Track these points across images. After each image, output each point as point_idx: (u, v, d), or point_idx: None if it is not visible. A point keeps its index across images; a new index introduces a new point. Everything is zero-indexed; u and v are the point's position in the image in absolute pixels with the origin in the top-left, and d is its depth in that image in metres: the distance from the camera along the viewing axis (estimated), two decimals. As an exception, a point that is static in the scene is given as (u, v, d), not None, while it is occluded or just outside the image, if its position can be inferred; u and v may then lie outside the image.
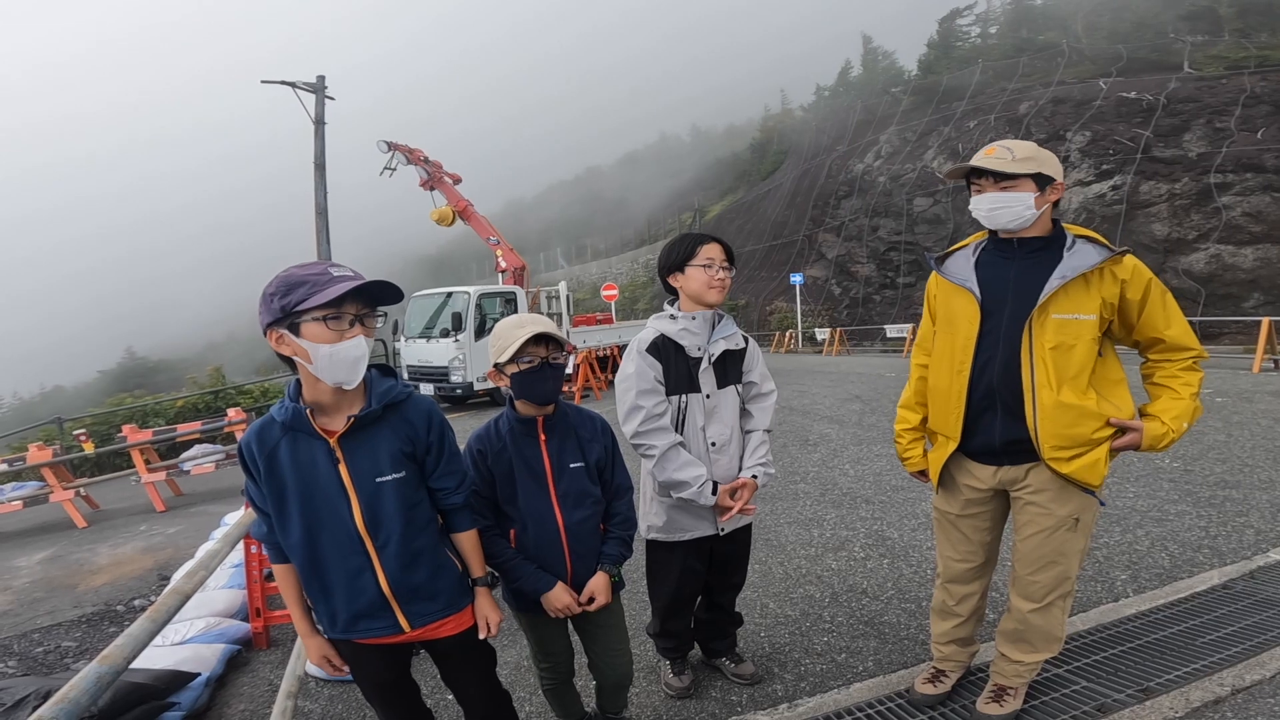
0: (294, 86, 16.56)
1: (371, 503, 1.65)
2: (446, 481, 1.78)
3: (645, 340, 2.43)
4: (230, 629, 3.67)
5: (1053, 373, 2.02)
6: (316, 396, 1.64)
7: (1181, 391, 2.05)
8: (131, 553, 6.02)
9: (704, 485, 2.35)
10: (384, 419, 1.68)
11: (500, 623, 1.89)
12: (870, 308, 26.64)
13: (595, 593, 2.07)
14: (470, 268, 59.10)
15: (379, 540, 1.68)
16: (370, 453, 1.66)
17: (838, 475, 5.94)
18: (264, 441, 1.65)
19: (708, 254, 2.39)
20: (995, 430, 2.14)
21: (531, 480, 2.03)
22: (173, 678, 3.01)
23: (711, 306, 2.43)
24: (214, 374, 17.02)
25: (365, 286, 1.53)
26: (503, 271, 16.43)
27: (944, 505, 2.40)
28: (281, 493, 1.65)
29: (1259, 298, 17.10)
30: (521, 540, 2.05)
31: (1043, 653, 2.28)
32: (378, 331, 1.67)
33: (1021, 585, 2.23)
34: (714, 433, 2.44)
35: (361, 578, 1.69)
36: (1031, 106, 24.19)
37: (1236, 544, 3.77)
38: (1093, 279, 2.01)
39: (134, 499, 8.41)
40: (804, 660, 2.93)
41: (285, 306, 1.52)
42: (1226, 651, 2.63)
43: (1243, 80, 20.59)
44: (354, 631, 1.75)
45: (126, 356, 64.68)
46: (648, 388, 2.36)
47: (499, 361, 1.98)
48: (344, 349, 1.54)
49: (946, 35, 40.26)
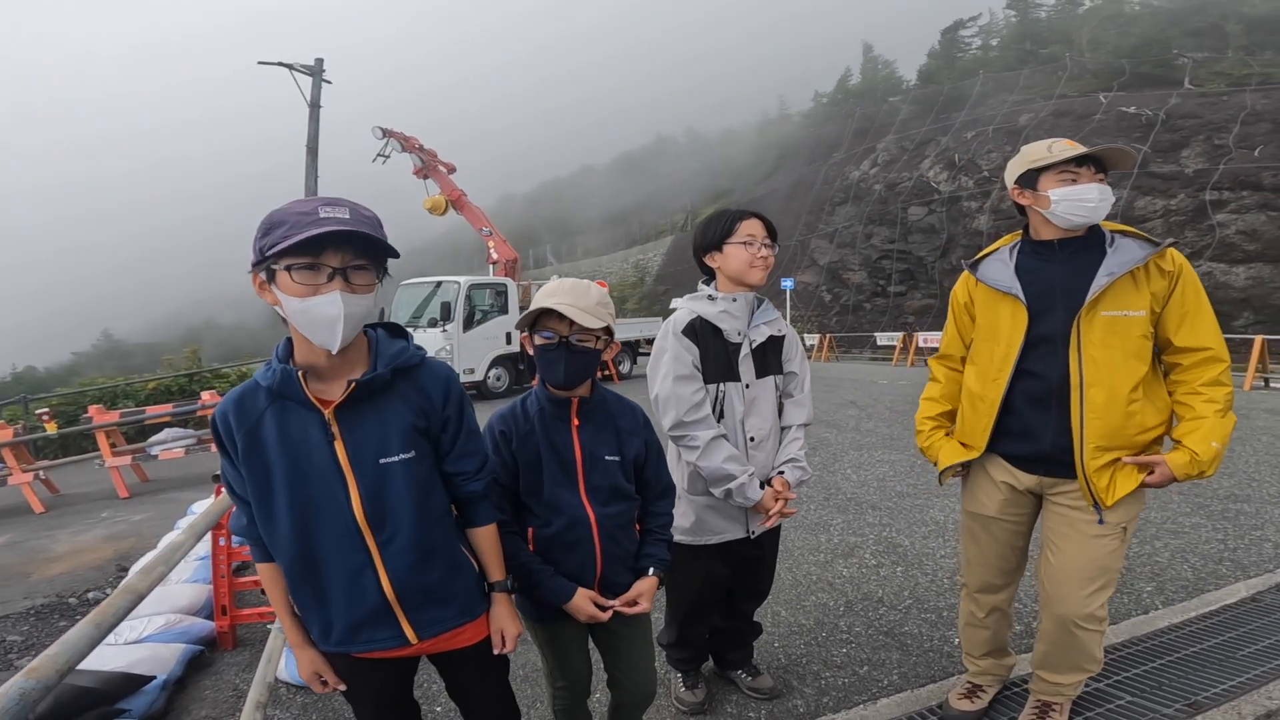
0: (291, 68, 16.16)
1: (374, 488, 1.38)
2: (465, 464, 1.50)
3: (680, 322, 2.20)
4: (193, 627, 3.36)
5: (1103, 371, 1.91)
6: (309, 358, 1.36)
7: (1203, 410, 1.90)
8: (92, 541, 5.74)
9: (751, 480, 2.13)
10: (392, 387, 1.41)
11: (519, 636, 1.63)
12: (860, 315, 26.62)
13: (640, 596, 1.79)
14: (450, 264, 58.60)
15: (383, 534, 1.39)
16: (375, 427, 1.38)
17: (840, 480, 5.79)
18: (244, 412, 1.36)
19: (749, 230, 2.17)
20: (1047, 437, 2.01)
21: (560, 470, 1.74)
22: (124, 680, 2.74)
23: (753, 288, 2.22)
24: (190, 356, 16.53)
25: (353, 235, 1.26)
26: (494, 263, 16.20)
27: (977, 508, 2.23)
28: (266, 477, 1.36)
29: (1249, 316, 17.19)
30: (544, 538, 1.76)
31: (1081, 674, 2.14)
32: None
33: (1056, 603, 2.05)
34: (753, 426, 2.22)
35: (361, 579, 1.40)
36: (1032, 119, 24.26)
37: (1257, 556, 3.72)
38: (1139, 275, 1.93)
39: (98, 484, 8.11)
40: (824, 673, 2.72)
41: (263, 248, 1.26)
42: (1269, 664, 2.55)
43: (1244, 97, 20.65)
44: (353, 644, 1.46)
45: (103, 339, 63.54)
46: (685, 373, 2.14)
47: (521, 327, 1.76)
48: (314, 305, 1.26)
49: (949, 45, 40.53)
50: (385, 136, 16.84)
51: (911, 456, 6.45)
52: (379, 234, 1.30)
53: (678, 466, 2.26)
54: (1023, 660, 2.55)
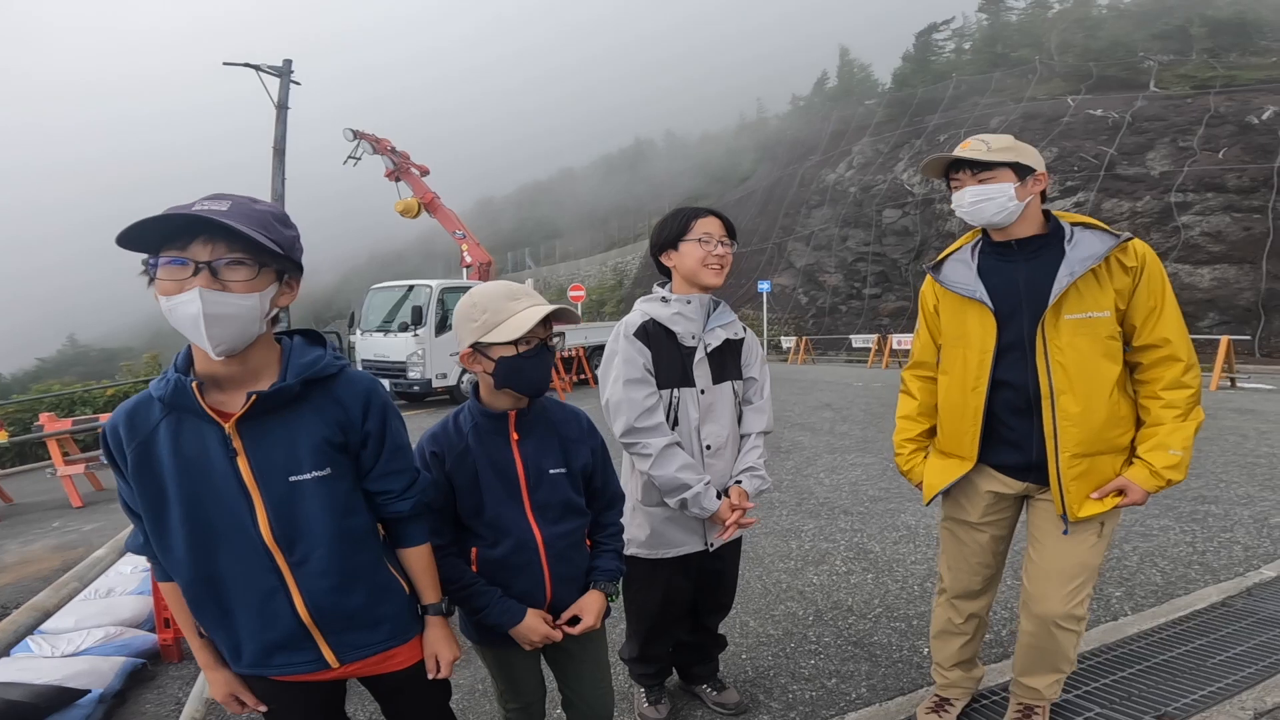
0: (258, 69, 15.83)
1: (283, 508, 1.27)
2: (389, 484, 1.40)
3: (632, 324, 2.11)
4: (134, 640, 3.23)
5: (1074, 377, 1.86)
6: (206, 366, 1.25)
7: (1160, 415, 1.86)
8: (41, 551, 5.57)
9: (707, 490, 2.04)
10: (305, 399, 1.29)
11: (455, 661, 1.53)
12: (836, 317, 26.74)
13: (583, 612, 1.69)
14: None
15: (294, 556, 1.29)
16: (283, 442, 1.27)
17: (813, 484, 5.74)
18: (136, 425, 1.25)
19: (704, 228, 2.09)
20: (1034, 446, 1.95)
21: (501, 488, 1.63)
22: (57, 694, 2.62)
23: (708, 289, 2.13)
24: (150, 361, 16.12)
25: (225, 226, 1.12)
26: (468, 266, 16.03)
27: (959, 514, 2.16)
28: (158, 494, 1.25)
29: (1214, 317, 17.50)
30: (488, 560, 1.64)
31: (1059, 674, 2.12)
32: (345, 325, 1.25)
33: (1037, 602, 2.01)
34: (709, 433, 2.13)
35: (273, 601, 1.30)
36: (1002, 121, 24.52)
37: (1227, 560, 3.71)
38: (1101, 272, 1.86)
39: (52, 492, 7.88)
40: (791, 686, 2.65)
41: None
42: (1241, 672, 2.51)
43: (1208, 100, 20.92)
44: (267, 667, 1.35)
45: (68, 344, 62.00)
46: (636, 376, 2.04)
47: (485, 341, 1.56)
48: (178, 304, 1.14)
49: (922, 49, 40.84)
50: (356, 138, 16.61)
51: (885, 460, 6.43)
52: (252, 227, 1.15)
53: (631, 477, 2.17)
54: (991, 671, 2.51)
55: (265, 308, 1.22)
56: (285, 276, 1.27)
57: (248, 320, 1.19)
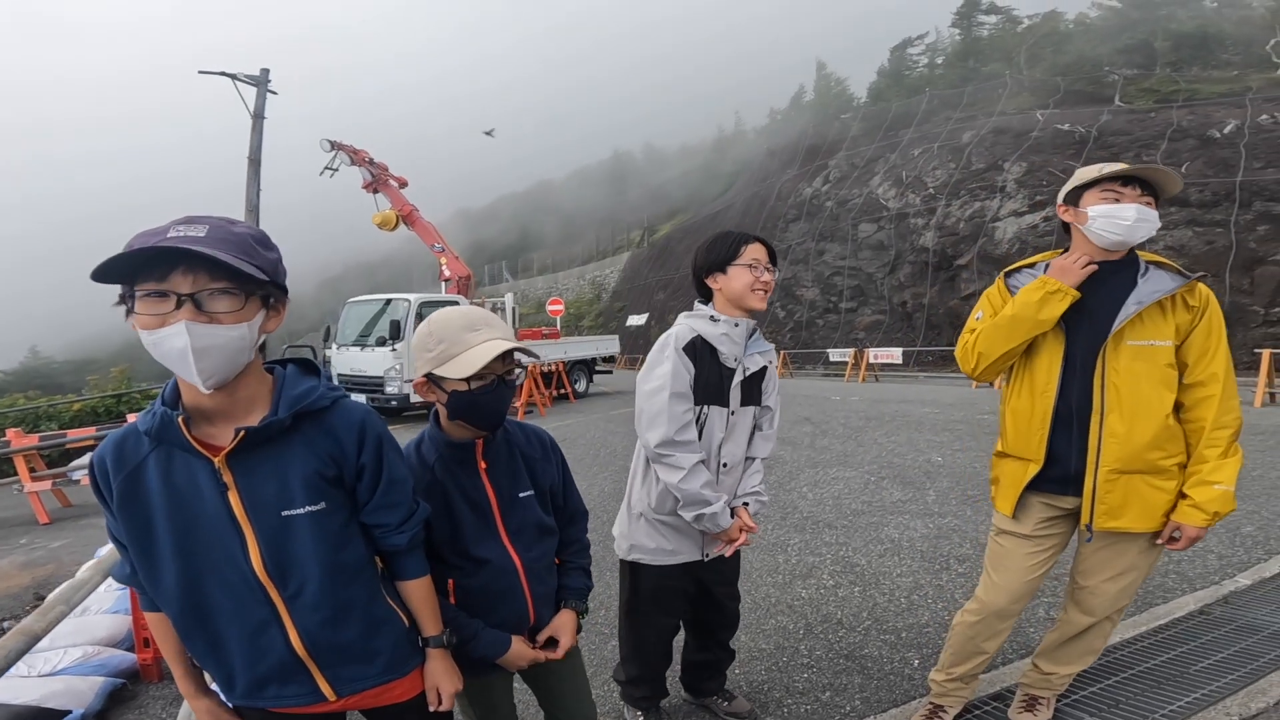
0: (234, 78, 15.62)
1: (276, 542, 1.24)
2: (386, 516, 1.36)
3: (682, 338, 2.13)
4: (112, 659, 3.15)
5: (1126, 399, 1.93)
6: (194, 398, 1.20)
7: (1206, 454, 1.92)
8: (8, 568, 5.41)
9: (724, 510, 2.11)
10: (297, 431, 1.25)
11: (456, 695, 1.50)
12: (813, 331, 26.99)
13: (559, 633, 1.69)
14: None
15: (288, 589, 1.25)
16: (274, 476, 1.23)
17: (796, 498, 5.77)
18: (123, 457, 1.21)
19: (753, 254, 2.13)
20: (1072, 459, 2.02)
21: (475, 517, 1.60)
22: (35, 715, 2.57)
23: (752, 313, 2.17)
24: (118, 375, 15.69)
25: (204, 256, 1.07)
26: (446, 280, 15.90)
27: (1010, 525, 2.19)
28: (146, 526, 1.20)
29: (1177, 331, 18.00)
30: (467, 590, 1.61)
31: (1079, 665, 2.24)
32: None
33: (1084, 596, 2.13)
34: (728, 452, 2.19)
35: (265, 634, 1.26)
36: (974, 136, 25.05)
37: (1201, 569, 3.78)
38: (1166, 305, 1.95)
39: (18, 509, 7.66)
40: (786, 700, 2.66)
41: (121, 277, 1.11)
42: (1223, 679, 2.57)
43: (1170, 114, 21.47)
44: (260, 699, 1.32)
45: (30, 355, 60.30)
46: (681, 390, 2.08)
47: (438, 374, 1.51)
48: (162, 338, 1.09)
49: (897, 64, 41.74)
50: (334, 149, 16.45)
51: (865, 474, 6.49)
52: (233, 254, 1.10)
53: (644, 486, 2.21)
54: (982, 681, 2.54)
55: (254, 336, 1.18)
56: (271, 300, 1.23)
57: (237, 350, 1.15)
